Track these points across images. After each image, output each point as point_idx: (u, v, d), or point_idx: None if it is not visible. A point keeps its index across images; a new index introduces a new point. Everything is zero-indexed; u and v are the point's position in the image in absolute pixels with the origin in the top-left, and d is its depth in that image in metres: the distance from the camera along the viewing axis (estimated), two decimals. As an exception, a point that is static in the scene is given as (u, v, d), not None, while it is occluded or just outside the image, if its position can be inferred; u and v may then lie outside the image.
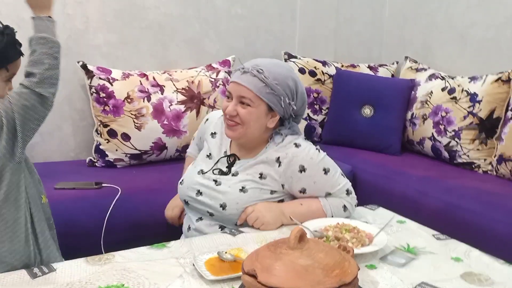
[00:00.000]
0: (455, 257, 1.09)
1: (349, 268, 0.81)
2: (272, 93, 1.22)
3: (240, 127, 1.24)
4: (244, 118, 1.22)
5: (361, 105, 2.40)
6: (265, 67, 1.22)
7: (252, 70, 1.21)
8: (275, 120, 1.26)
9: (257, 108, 1.22)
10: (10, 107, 1.01)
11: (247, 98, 1.21)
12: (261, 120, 1.24)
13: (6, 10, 2.00)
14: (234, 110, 1.23)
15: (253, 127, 1.24)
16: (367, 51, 2.88)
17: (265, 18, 2.58)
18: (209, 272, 0.97)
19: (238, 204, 1.24)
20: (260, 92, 1.21)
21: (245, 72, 1.21)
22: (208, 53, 2.44)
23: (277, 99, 1.23)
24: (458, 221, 1.67)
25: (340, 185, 1.29)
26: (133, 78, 2.10)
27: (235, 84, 1.23)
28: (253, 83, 1.20)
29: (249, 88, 1.20)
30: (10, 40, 1.04)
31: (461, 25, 2.41)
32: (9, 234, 1.09)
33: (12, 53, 1.06)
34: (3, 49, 1.03)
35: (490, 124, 2.06)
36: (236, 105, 1.23)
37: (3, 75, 1.05)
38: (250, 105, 1.22)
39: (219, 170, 1.31)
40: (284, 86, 1.23)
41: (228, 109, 1.23)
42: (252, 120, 1.23)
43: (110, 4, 2.19)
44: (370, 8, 2.84)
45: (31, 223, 1.14)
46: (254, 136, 1.27)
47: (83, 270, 0.99)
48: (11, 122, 1.02)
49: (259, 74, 1.20)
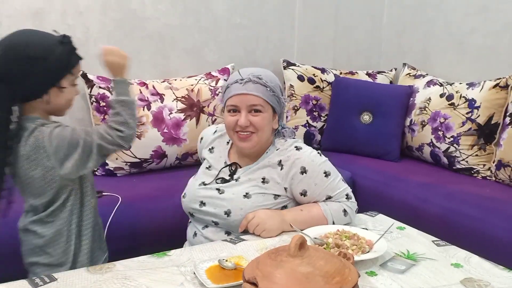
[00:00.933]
0: (455, 263, 1.09)
1: (350, 275, 0.81)
2: (274, 95, 1.27)
3: (254, 135, 1.27)
4: (259, 125, 1.26)
5: (360, 111, 2.41)
6: (261, 73, 1.27)
7: (252, 78, 1.24)
8: (276, 121, 1.32)
9: (267, 112, 1.27)
10: (91, 140, 1.12)
11: (258, 104, 1.25)
12: (270, 123, 1.30)
13: (9, 22, 2.02)
14: (247, 121, 1.25)
15: (266, 131, 1.28)
16: (365, 59, 2.89)
17: (264, 27, 2.60)
18: (210, 280, 0.97)
19: (242, 210, 1.26)
20: (266, 96, 1.26)
21: (246, 82, 1.24)
22: (209, 62, 2.46)
23: (277, 100, 1.29)
24: (458, 227, 1.67)
25: (341, 189, 1.31)
26: (133, 87, 2.11)
27: (241, 95, 1.25)
28: (259, 89, 1.25)
29: (258, 95, 1.25)
30: (70, 47, 1.13)
31: (460, 32, 2.43)
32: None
33: (74, 59, 1.15)
34: (67, 56, 1.12)
35: (489, 130, 2.07)
36: (246, 116, 1.25)
37: (69, 79, 1.14)
38: (262, 111, 1.26)
39: (221, 179, 1.33)
40: (277, 86, 1.29)
41: (241, 122, 1.25)
42: (265, 126, 1.27)
43: (110, 15, 2.21)
44: (368, 16, 2.86)
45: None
46: (264, 141, 1.31)
47: (84, 279, 0.99)
48: (88, 146, 1.12)
49: (260, 80, 1.25)
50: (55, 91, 1.12)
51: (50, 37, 1.12)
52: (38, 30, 1.15)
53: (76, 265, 1.19)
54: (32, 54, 1.07)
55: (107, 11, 2.20)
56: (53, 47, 1.09)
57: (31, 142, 1.11)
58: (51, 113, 1.18)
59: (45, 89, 1.11)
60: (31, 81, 1.09)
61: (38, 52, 1.08)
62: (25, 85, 1.08)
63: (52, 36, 1.12)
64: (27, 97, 1.11)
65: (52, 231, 1.17)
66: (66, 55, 1.11)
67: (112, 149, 1.14)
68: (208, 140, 1.43)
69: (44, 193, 1.15)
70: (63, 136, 1.10)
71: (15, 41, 1.10)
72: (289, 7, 2.65)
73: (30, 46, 1.08)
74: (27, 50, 1.07)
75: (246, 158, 1.33)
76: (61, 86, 1.12)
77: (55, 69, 1.10)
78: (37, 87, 1.10)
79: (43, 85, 1.11)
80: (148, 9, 2.29)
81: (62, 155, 1.10)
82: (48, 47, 1.09)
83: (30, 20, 2.06)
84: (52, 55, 1.09)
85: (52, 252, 1.17)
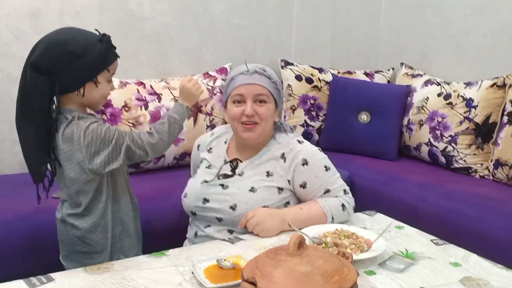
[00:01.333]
0: (454, 262, 1.10)
1: (349, 274, 0.81)
2: (276, 88, 1.31)
3: (258, 126, 1.29)
4: (264, 115, 1.28)
5: (358, 111, 2.41)
6: (263, 67, 1.32)
7: (258, 70, 1.29)
8: (277, 114, 1.35)
9: (271, 103, 1.31)
10: (122, 141, 1.17)
11: (264, 94, 1.29)
12: (273, 115, 1.33)
13: (6, 21, 2.02)
14: (253, 110, 1.27)
15: (269, 122, 1.31)
16: (363, 59, 2.89)
17: (262, 27, 2.60)
18: (208, 280, 0.97)
19: (248, 204, 1.26)
20: (271, 88, 1.30)
21: (252, 73, 1.28)
22: (207, 62, 2.45)
23: (279, 93, 1.33)
24: (456, 226, 1.67)
25: (339, 184, 1.34)
26: (131, 87, 2.11)
27: (247, 85, 1.28)
28: (265, 81, 1.29)
29: (263, 85, 1.28)
30: (108, 46, 1.20)
31: (458, 32, 2.43)
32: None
33: (111, 56, 1.21)
34: (104, 54, 1.18)
35: (486, 129, 2.07)
36: (252, 105, 1.28)
37: (106, 75, 1.21)
38: (266, 101, 1.29)
39: (223, 175, 1.33)
40: (278, 81, 1.33)
41: (247, 110, 1.27)
42: (269, 116, 1.30)
43: (108, 15, 2.21)
44: (366, 16, 2.86)
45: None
46: (267, 133, 1.33)
47: (82, 279, 0.99)
48: (118, 146, 1.17)
49: (265, 72, 1.30)
50: (91, 86, 1.18)
51: (90, 35, 1.19)
52: (80, 28, 1.22)
53: (113, 254, 1.25)
54: (73, 50, 1.14)
55: (104, 11, 2.20)
56: (93, 45, 1.17)
57: (68, 133, 1.17)
58: (86, 106, 1.24)
59: (82, 83, 1.17)
60: (71, 75, 1.15)
61: (79, 49, 1.15)
62: (65, 78, 1.15)
63: (92, 35, 1.20)
64: (65, 90, 1.17)
65: (89, 223, 1.22)
66: (103, 52, 1.18)
67: (137, 154, 1.18)
68: (205, 143, 1.45)
69: (75, 184, 1.20)
70: (98, 133, 1.16)
71: (59, 38, 1.16)
72: (287, 7, 2.65)
73: (72, 44, 1.15)
74: (69, 47, 1.14)
75: (246, 152, 1.35)
76: (97, 82, 1.19)
77: (93, 65, 1.17)
78: (75, 80, 1.17)
79: (80, 79, 1.17)
80: (146, 9, 2.28)
81: (93, 150, 1.16)
82: (89, 44, 1.16)
83: (27, 19, 2.05)
84: (92, 52, 1.16)
85: (91, 242, 1.23)
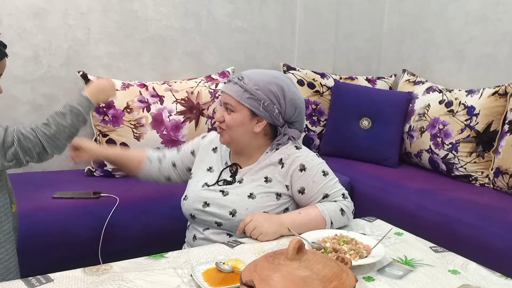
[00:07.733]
0: (453, 270, 1.09)
1: (347, 279, 0.81)
2: (252, 98, 1.29)
3: (225, 132, 1.33)
4: (228, 123, 1.31)
5: (359, 117, 2.41)
6: (246, 75, 1.31)
7: (233, 79, 1.31)
8: (261, 125, 1.33)
9: (240, 113, 1.30)
10: (11, 140, 1.10)
11: (230, 104, 1.31)
12: (245, 125, 1.31)
13: (9, 20, 2.03)
14: (221, 117, 1.33)
15: (238, 131, 1.32)
16: (365, 66, 2.90)
17: (265, 32, 2.61)
18: (207, 283, 0.97)
19: (248, 210, 1.27)
20: (240, 97, 1.29)
21: (229, 81, 1.32)
22: (209, 66, 2.46)
23: (258, 103, 1.29)
24: (456, 233, 1.67)
25: (337, 189, 1.34)
26: (133, 89, 2.12)
27: (222, 93, 1.34)
28: (234, 90, 1.30)
29: (231, 95, 1.30)
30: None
31: (459, 40, 2.44)
32: None
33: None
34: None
35: (487, 137, 2.08)
36: (223, 112, 1.33)
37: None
38: (233, 110, 1.31)
39: (224, 180, 1.35)
40: (266, 91, 1.30)
41: (216, 115, 1.36)
42: (235, 125, 1.31)
43: (111, 16, 2.22)
44: (369, 23, 2.87)
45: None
46: (245, 142, 1.33)
47: (81, 280, 0.99)
48: (7, 142, 1.10)
49: (239, 81, 1.30)
50: None
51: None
52: None
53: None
54: None
55: (108, 12, 2.21)
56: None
57: None
58: None
59: None
60: None
61: None
62: None
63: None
64: None
65: None
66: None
67: (31, 150, 1.11)
68: (211, 138, 1.47)
69: None
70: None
71: None
72: (290, 12, 2.66)
73: None
74: None
75: (244, 158, 1.36)
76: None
77: None
78: None
79: None
80: (149, 11, 2.29)
81: None
82: None
83: (31, 19, 2.06)
84: None
85: None
